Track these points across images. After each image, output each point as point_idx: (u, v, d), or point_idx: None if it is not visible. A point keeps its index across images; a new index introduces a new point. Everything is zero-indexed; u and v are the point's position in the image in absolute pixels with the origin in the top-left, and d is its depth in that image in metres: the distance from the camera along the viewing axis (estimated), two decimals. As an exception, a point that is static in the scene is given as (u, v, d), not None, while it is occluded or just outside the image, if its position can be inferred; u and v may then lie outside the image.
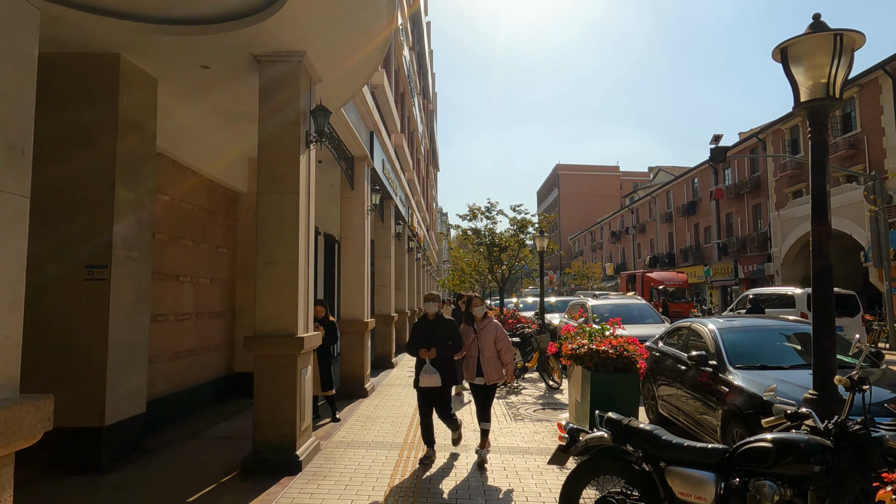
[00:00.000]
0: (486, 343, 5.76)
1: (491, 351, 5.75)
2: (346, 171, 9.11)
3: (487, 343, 5.76)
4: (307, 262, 5.79)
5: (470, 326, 5.95)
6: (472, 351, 5.81)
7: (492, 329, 5.84)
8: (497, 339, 5.80)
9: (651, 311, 12.27)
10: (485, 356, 5.73)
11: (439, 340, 5.58)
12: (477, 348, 5.78)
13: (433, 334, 5.63)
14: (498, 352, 5.78)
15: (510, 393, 9.90)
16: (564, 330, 7.19)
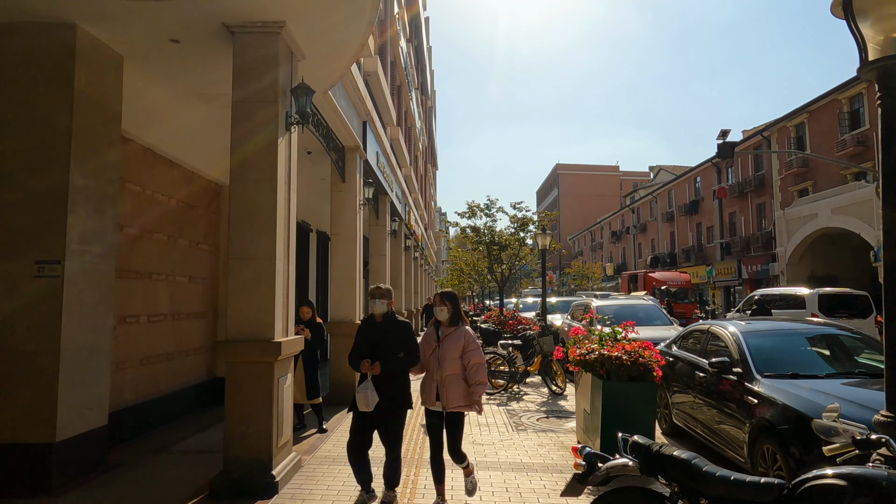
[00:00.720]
0: (449, 355, 4.30)
1: (453, 367, 4.29)
2: (337, 163, 8.52)
3: (450, 355, 4.30)
4: (287, 259, 5.19)
5: (433, 332, 4.50)
6: (430, 364, 4.39)
7: (458, 338, 4.36)
8: (465, 351, 4.34)
9: (659, 313, 11.69)
10: (444, 372, 4.27)
11: (388, 351, 4.29)
12: (436, 361, 4.34)
13: (381, 342, 4.31)
14: (465, 369, 4.32)
15: (511, 399, 9.31)
16: (572, 333, 6.60)
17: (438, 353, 4.34)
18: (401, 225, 16.61)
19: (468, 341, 4.38)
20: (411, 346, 4.39)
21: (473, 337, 4.46)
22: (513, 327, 13.18)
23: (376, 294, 4.47)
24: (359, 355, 4.31)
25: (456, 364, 4.30)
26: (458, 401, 4.26)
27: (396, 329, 4.40)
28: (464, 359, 4.32)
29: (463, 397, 4.27)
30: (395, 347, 4.30)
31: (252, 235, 4.85)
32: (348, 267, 8.88)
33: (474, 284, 33.49)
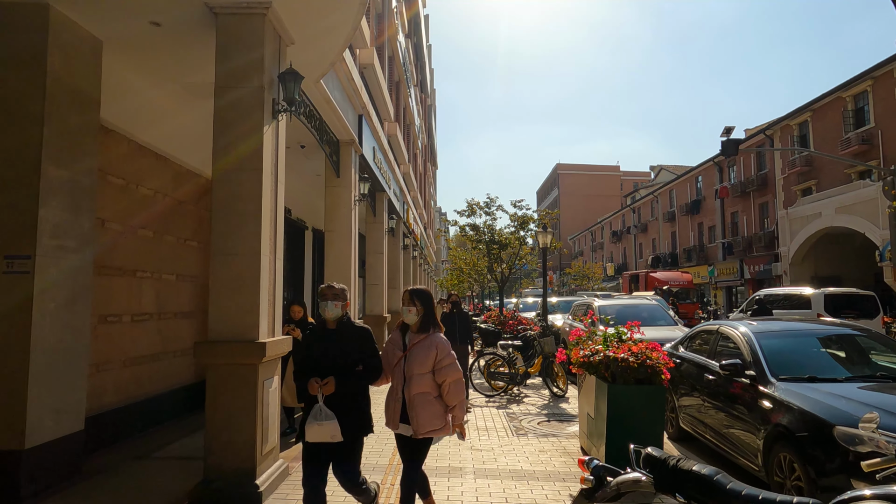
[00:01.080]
0: (417, 370, 3.47)
1: (422, 384, 3.47)
2: (331, 157, 8.23)
3: (418, 370, 3.47)
4: (273, 255, 4.90)
5: (399, 339, 3.68)
6: (395, 379, 3.60)
7: (429, 347, 3.51)
8: (437, 363, 3.50)
9: (663, 313, 11.39)
10: (411, 390, 3.47)
11: (344, 364, 3.45)
12: (402, 376, 3.55)
13: (334, 354, 3.45)
14: (438, 386, 3.52)
15: (511, 402, 9.01)
16: (574, 335, 6.30)
17: (405, 366, 3.51)
18: (399, 223, 16.32)
19: (441, 354, 3.50)
20: (372, 357, 3.55)
21: (448, 348, 3.58)
22: (513, 327, 12.88)
23: (327, 294, 3.54)
24: (306, 371, 3.45)
25: (426, 381, 3.48)
26: (430, 424, 3.45)
27: (353, 336, 3.53)
28: (436, 376, 3.49)
29: (437, 418, 3.48)
30: (351, 359, 3.48)
31: (235, 230, 4.55)
32: (343, 265, 8.59)
33: (474, 284, 33.22)
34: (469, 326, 8.51)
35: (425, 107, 30.98)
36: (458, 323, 8.42)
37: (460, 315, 8.59)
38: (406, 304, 3.64)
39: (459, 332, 8.33)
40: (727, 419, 5.42)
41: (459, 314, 8.60)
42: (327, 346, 3.47)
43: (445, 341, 3.61)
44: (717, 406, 5.66)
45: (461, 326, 8.41)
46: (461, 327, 8.41)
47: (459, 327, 8.37)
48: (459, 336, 8.33)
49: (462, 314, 8.61)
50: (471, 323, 8.63)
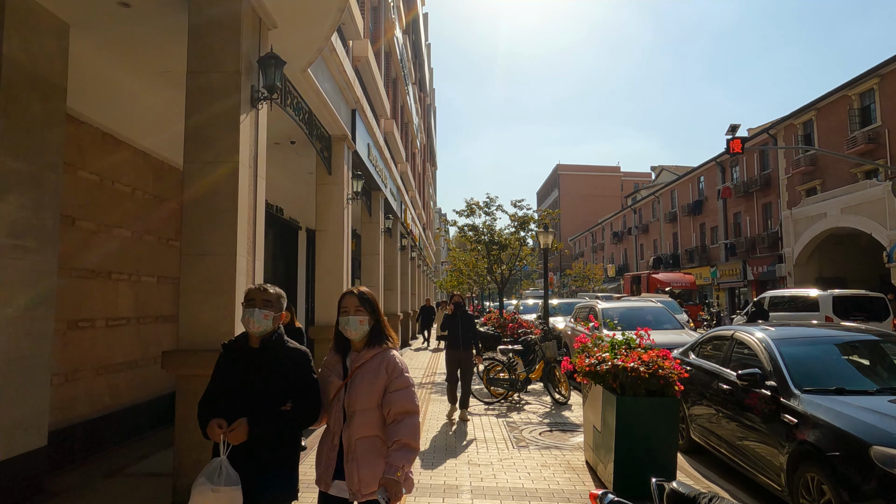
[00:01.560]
0: (361, 402, 2.48)
1: (368, 423, 2.47)
2: (322, 153, 7.83)
3: (363, 402, 2.48)
4: (251, 255, 4.50)
5: (338, 361, 2.62)
6: (332, 419, 2.56)
7: (377, 370, 2.52)
8: (388, 392, 2.50)
9: (669, 316, 10.98)
10: (352, 433, 2.47)
11: (264, 400, 2.45)
12: (341, 412, 2.53)
13: (252, 384, 2.48)
14: (389, 425, 2.47)
15: (511, 410, 8.60)
16: (578, 342, 5.90)
17: (344, 398, 2.51)
18: (396, 223, 15.92)
19: (393, 375, 2.50)
20: (307, 390, 2.52)
21: (402, 368, 2.55)
22: (513, 331, 12.49)
23: (256, 300, 2.58)
24: (209, 409, 2.49)
25: (372, 418, 2.47)
26: (373, 479, 2.40)
27: (281, 362, 2.53)
28: (383, 405, 2.48)
29: (377, 473, 2.40)
30: (275, 394, 2.46)
31: (209, 228, 4.15)
32: (336, 266, 8.19)
33: (474, 286, 32.81)
34: (474, 329, 7.98)
35: (424, 106, 30.59)
36: (462, 325, 7.92)
37: (464, 317, 8.06)
38: (353, 312, 2.55)
39: (463, 336, 7.89)
40: (744, 432, 5.03)
41: (463, 316, 8.06)
42: (245, 373, 2.49)
43: (400, 360, 2.58)
44: (732, 417, 5.26)
45: (465, 329, 7.92)
46: (465, 330, 7.92)
47: (463, 330, 7.90)
48: (463, 340, 7.88)
49: (466, 316, 8.08)
50: (475, 325, 8.06)
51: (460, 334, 7.87)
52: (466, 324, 7.96)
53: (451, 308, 8.22)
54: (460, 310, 8.09)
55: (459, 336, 7.86)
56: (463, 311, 8.10)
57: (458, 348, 7.85)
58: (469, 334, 7.93)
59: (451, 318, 8.05)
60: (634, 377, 4.70)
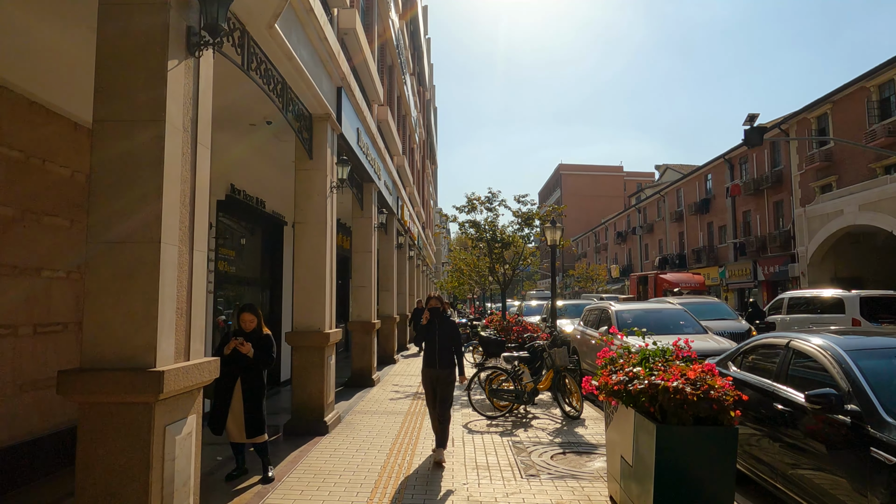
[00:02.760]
0: None
1: None
2: (301, 133, 6.83)
3: None
4: (189, 244, 3.51)
5: None
6: None
7: None
8: None
9: (691, 320, 9.96)
10: None
11: None
12: None
13: None
14: None
15: (517, 426, 7.59)
16: (602, 355, 4.88)
17: None
18: (392, 219, 14.92)
19: None
20: None
21: None
22: (517, 335, 11.47)
23: None
24: None
25: None
26: None
27: None
28: None
29: None
30: None
31: (122, 205, 3.15)
32: (316, 263, 7.19)
33: (475, 286, 31.78)
34: (457, 340, 6.10)
35: (423, 101, 29.61)
36: (441, 337, 6.04)
37: (444, 326, 6.10)
38: None
39: (441, 351, 6.00)
40: (807, 464, 4.02)
41: (442, 325, 6.10)
42: None
43: None
44: (790, 445, 4.25)
45: (444, 341, 6.03)
46: (444, 342, 6.03)
47: (442, 343, 6.02)
48: (441, 356, 6.00)
49: (446, 324, 6.11)
50: (459, 335, 6.17)
51: (437, 349, 6.03)
52: (447, 334, 6.06)
53: (427, 316, 6.18)
54: (438, 317, 6.16)
55: (436, 350, 6.03)
56: (442, 319, 6.16)
57: (435, 366, 6.01)
58: (449, 348, 6.05)
59: (427, 329, 6.16)
60: (679, 400, 3.68)
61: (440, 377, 6.03)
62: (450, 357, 6.05)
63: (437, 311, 6.18)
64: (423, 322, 6.16)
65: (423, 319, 6.18)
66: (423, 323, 6.16)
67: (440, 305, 6.24)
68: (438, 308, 6.20)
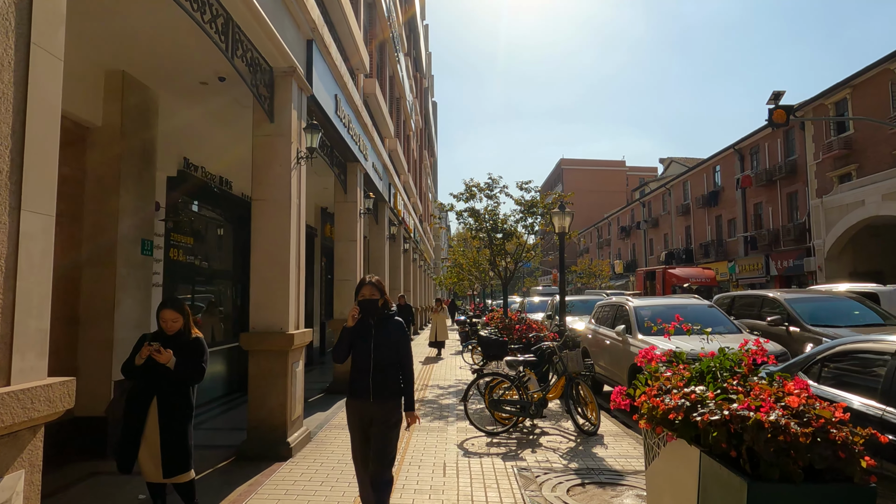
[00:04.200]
0: None
1: None
2: (256, 89, 5.53)
3: None
4: (13, 199, 2.20)
5: None
6: None
7: None
8: None
9: (722, 317, 8.66)
10: None
11: None
12: None
13: None
14: None
15: (523, 444, 6.31)
16: (644, 357, 3.60)
17: None
18: (383, 207, 13.63)
19: None
20: None
21: None
22: (522, 335, 10.18)
23: None
24: None
25: None
26: None
27: None
28: None
29: None
30: None
31: None
32: (278, 249, 5.90)
33: (475, 282, 30.50)
34: (405, 353, 3.81)
35: (421, 88, 28.27)
36: (378, 350, 3.73)
37: (384, 329, 3.79)
38: None
39: (377, 374, 3.68)
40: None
41: (382, 328, 3.80)
42: None
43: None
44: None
45: (382, 357, 3.72)
46: (382, 359, 3.72)
47: (379, 360, 3.71)
48: (377, 383, 3.67)
49: (390, 326, 3.81)
50: (408, 345, 3.86)
51: (371, 368, 3.68)
52: (388, 343, 3.75)
53: (356, 312, 3.76)
54: (375, 314, 3.78)
55: (370, 370, 3.68)
56: (382, 318, 3.80)
57: (366, 396, 3.68)
58: (392, 367, 3.74)
59: (355, 334, 3.77)
60: (783, 443, 2.39)
61: (376, 416, 3.65)
62: (392, 382, 3.70)
63: (371, 304, 3.74)
64: (350, 323, 3.75)
65: (349, 318, 3.77)
66: (349, 324, 3.75)
67: (379, 296, 3.77)
68: (375, 300, 3.75)
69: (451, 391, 9.78)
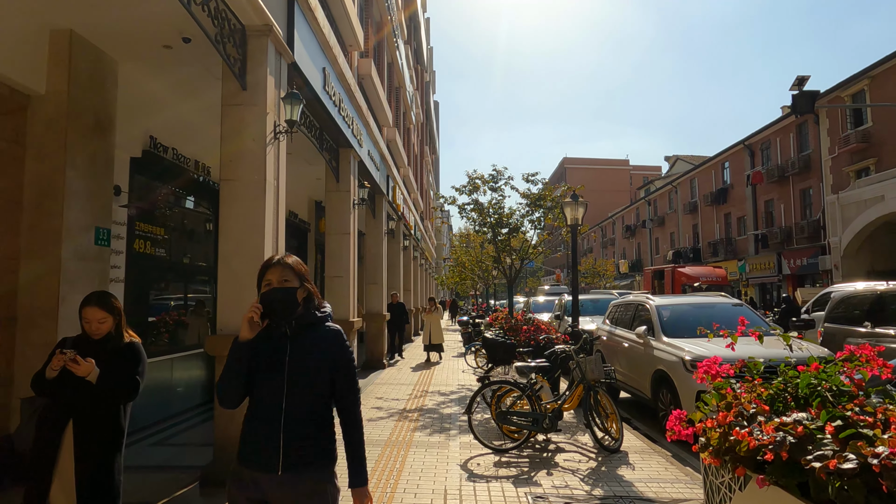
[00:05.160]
0: None
1: None
2: (222, 47, 4.68)
3: None
4: None
5: None
6: None
7: None
8: None
9: (754, 317, 7.77)
10: None
11: None
12: None
13: None
14: None
15: (536, 464, 5.44)
16: (707, 375, 2.73)
17: None
18: (382, 200, 12.78)
19: None
20: None
21: None
22: (530, 336, 9.31)
23: None
24: None
25: None
26: None
27: None
28: None
29: None
30: None
31: None
32: (250, 238, 5.04)
33: (477, 281, 29.65)
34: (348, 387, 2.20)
35: (422, 81, 27.42)
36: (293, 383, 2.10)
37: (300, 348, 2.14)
38: None
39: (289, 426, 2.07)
40: None
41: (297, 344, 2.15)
42: None
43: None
44: None
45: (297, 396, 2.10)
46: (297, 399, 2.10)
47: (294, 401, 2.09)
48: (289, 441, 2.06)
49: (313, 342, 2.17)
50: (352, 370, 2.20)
51: (283, 417, 2.07)
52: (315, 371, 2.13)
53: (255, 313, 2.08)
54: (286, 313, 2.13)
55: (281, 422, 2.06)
56: (304, 328, 2.17)
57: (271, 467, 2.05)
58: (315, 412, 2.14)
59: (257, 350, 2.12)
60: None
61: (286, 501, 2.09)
62: (321, 441, 2.14)
63: (284, 299, 2.14)
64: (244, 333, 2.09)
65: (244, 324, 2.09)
66: (241, 339, 2.10)
67: (297, 283, 2.18)
68: (290, 292, 2.15)
69: (454, 398, 8.92)
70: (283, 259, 2.21)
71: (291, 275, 2.18)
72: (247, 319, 2.08)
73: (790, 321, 15.05)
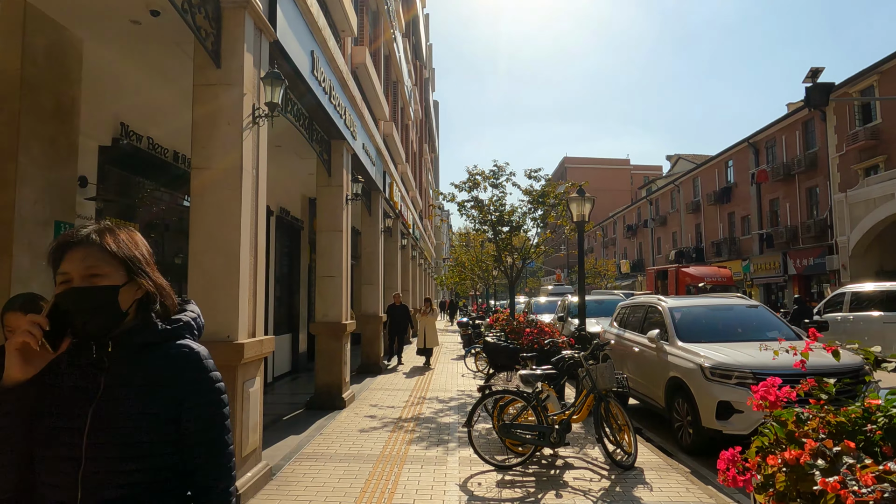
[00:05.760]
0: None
1: None
2: (186, 12, 4.14)
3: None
4: None
5: None
6: None
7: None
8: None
9: (776, 320, 7.23)
10: None
11: None
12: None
13: None
14: None
15: (543, 484, 4.90)
16: (764, 401, 2.19)
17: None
18: (378, 197, 12.25)
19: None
20: None
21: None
22: (533, 340, 8.77)
23: None
24: None
25: None
26: None
27: None
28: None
29: None
30: None
31: None
32: (223, 233, 4.51)
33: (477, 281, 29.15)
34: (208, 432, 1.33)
35: (420, 77, 26.89)
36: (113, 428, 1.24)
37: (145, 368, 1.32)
38: None
39: None
40: None
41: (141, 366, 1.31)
42: None
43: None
44: None
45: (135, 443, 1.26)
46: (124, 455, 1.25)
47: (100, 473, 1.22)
48: None
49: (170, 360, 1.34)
50: (219, 404, 1.36)
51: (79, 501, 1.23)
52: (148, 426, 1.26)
53: (31, 342, 1.18)
54: (99, 329, 1.27)
55: None
56: (135, 353, 1.31)
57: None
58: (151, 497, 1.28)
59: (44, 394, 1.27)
60: None
61: None
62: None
63: (89, 310, 1.25)
64: (5, 379, 1.21)
65: (9, 357, 1.20)
66: (6, 381, 1.20)
67: (122, 279, 1.30)
68: (107, 292, 1.27)
69: (453, 405, 8.39)
70: (88, 235, 1.29)
71: (107, 261, 1.28)
72: (16, 348, 1.17)
73: (802, 323, 14.54)
